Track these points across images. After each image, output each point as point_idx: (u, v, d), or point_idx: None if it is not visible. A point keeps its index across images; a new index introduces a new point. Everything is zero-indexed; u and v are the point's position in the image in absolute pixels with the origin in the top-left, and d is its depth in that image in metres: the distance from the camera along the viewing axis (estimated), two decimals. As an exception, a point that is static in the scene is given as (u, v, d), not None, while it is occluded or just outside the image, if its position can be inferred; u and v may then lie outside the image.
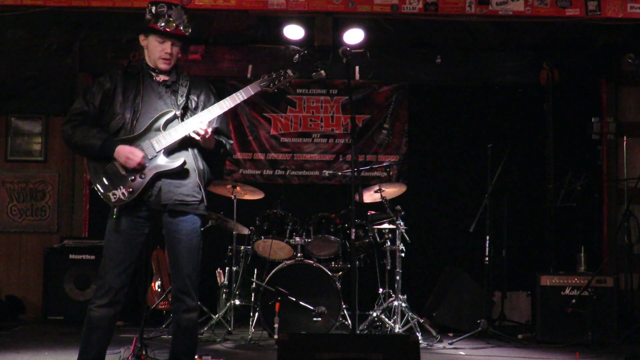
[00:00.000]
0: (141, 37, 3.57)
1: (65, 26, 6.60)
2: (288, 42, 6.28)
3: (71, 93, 6.94)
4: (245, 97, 3.59)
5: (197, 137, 3.44)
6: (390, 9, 5.62)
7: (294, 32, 6.40)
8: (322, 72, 4.42)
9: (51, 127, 7.15)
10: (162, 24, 3.48)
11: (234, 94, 3.56)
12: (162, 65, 3.53)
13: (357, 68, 6.65)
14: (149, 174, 3.41)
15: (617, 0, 5.57)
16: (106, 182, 3.42)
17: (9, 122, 7.18)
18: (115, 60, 6.86)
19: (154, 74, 3.55)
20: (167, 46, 3.51)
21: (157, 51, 3.51)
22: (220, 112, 3.52)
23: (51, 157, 7.20)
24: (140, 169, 3.40)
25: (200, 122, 3.44)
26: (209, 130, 3.45)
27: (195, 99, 3.60)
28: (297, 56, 4.42)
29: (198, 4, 5.54)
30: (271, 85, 3.66)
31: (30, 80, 7.07)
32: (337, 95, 7.25)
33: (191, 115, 3.52)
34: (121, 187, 3.40)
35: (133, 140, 3.43)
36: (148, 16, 3.51)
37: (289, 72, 3.67)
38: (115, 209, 3.39)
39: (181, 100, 3.54)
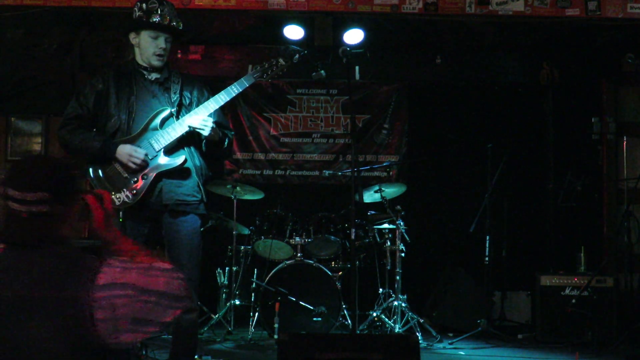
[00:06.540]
0: (132, 35, 3.54)
1: (65, 26, 6.59)
2: (288, 42, 6.27)
3: (71, 93, 6.91)
4: (240, 90, 3.57)
5: (204, 132, 3.42)
6: (390, 9, 5.61)
7: (293, 32, 6.39)
8: (322, 72, 4.42)
9: (51, 127, 7.12)
10: (156, 19, 3.46)
11: (228, 88, 3.55)
12: (156, 62, 3.50)
13: (357, 68, 6.64)
14: (151, 174, 3.40)
15: (617, 0, 5.57)
16: (108, 185, 3.39)
17: (9, 122, 7.16)
18: (115, 61, 6.85)
19: (145, 72, 3.54)
20: (162, 41, 3.49)
21: (150, 47, 3.48)
22: (217, 106, 3.51)
23: (51, 157, 7.19)
24: (141, 169, 3.39)
25: (201, 118, 3.43)
26: (211, 120, 3.44)
27: (189, 95, 3.59)
28: (297, 56, 4.41)
29: (198, 4, 5.53)
30: (264, 75, 3.65)
31: (30, 80, 7.04)
32: (337, 95, 7.24)
33: (186, 112, 3.51)
34: (124, 189, 3.38)
35: (131, 141, 3.41)
36: (139, 13, 3.48)
37: (281, 60, 3.66)
38: (120, 212, 3.38)
39: (175, 98, 3.52)
